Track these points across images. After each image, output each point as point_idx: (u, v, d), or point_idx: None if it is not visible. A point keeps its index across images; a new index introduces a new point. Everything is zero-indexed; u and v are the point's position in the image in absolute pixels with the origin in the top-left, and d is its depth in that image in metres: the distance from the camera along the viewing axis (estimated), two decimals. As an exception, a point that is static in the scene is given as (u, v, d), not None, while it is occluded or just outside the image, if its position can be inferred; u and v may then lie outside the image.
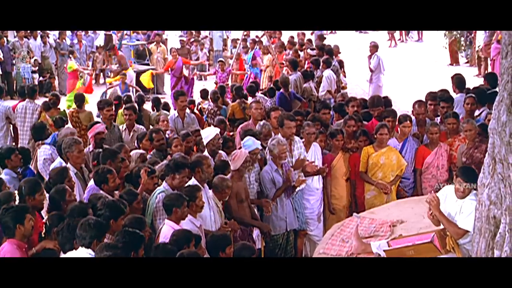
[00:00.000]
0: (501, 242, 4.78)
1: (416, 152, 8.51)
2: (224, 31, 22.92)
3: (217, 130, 8.18)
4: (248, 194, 7.49)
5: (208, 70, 22.49)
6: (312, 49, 16.62)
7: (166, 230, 5.83)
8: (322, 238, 7.53)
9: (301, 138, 8.36)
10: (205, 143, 7.97)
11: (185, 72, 17.37)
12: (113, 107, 10.22)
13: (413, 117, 8.94)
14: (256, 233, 7.47)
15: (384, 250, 5.87)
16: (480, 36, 19.61)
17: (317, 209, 8.34)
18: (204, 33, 22.90)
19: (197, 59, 20.79)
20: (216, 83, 16.61)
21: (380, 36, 25.23)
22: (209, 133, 8.03)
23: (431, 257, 5.59)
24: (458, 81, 10.33)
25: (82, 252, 4.95)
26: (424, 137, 8.78)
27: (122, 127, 9.78)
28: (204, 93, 14.00)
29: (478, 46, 19.60)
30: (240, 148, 7.80)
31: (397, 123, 8.74)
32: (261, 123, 8.84)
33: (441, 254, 5.56)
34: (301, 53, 17.47)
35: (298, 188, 7.96)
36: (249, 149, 7.49)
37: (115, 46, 18.95)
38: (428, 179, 8.42)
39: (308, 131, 8.26)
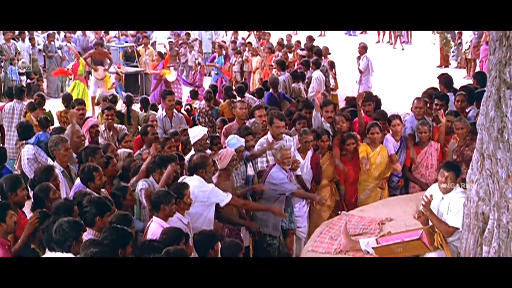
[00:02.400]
0: (490, 238, 4.78)
1: (406, 150, 8.50)
2: (213, 34, 22.82)
3: (205, 130, 8.13)
4: (236, 194, 7.43)
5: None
6: (302, 50, 16.62)
7: (154, 227, 5.79)
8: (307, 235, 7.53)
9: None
10: (192, 143, 7.91)
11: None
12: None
13: (410, 113, 8.91)
14: (243, 231, 7.43)
15: (372, 247, 5.89)
16: (466, 38, 19.68)
17: (305, 206, 8.27)
18: (193, 35, 22.82)
19: (186, 61, 20.70)
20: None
21: (369, 38, 25.29)
22: (197, 133, 7.97)
23: (420, 256, 5.61)
24: (446, 81, 10.29)
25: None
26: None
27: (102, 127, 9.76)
28: (193, 93, 13.96)
29: (466, 49, 19.68)
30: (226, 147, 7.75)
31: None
32: (251, 121, 8.77)
33: (430, 251, 5.56)
34: (290, 55, 17.46)
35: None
36: (234, 147, 7.43)
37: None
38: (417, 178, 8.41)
39: (306, 139, 8.18)
